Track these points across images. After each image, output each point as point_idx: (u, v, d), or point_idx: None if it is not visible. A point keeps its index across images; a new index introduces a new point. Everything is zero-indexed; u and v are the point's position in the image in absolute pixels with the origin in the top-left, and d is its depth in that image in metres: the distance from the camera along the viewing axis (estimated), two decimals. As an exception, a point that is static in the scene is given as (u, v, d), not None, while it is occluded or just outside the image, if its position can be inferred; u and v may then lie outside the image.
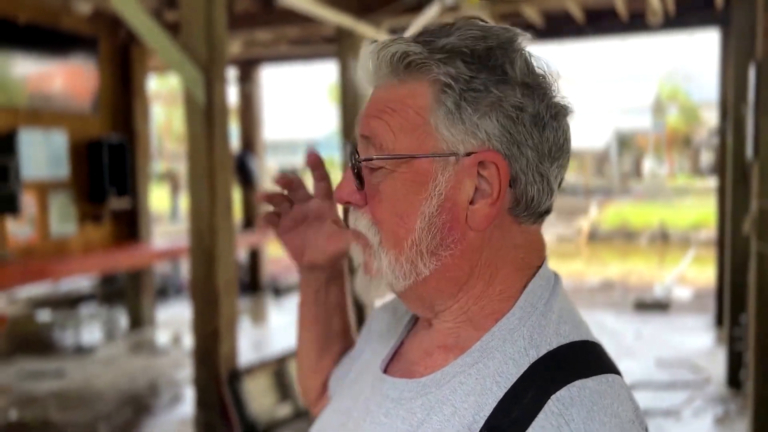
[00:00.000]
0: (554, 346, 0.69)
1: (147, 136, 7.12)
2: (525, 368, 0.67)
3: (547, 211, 0.75)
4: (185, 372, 5.62)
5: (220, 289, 4.02)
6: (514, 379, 0.67)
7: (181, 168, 22.08)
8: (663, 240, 13.83)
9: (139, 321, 7.08)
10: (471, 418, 0.67)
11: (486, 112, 0.69)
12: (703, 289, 8.53)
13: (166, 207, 19.32)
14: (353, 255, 0.78)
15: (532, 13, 6.20)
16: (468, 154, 0.69)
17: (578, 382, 0.65)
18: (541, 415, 0.63)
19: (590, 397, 0.64)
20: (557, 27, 6.78)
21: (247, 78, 8.79)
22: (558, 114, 0.72)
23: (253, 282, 8.85)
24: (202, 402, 4.15)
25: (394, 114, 0.71)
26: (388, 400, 0.76)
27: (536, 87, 0.71)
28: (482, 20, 0.75)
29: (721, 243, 6.34)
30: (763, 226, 2.88)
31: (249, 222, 8.75)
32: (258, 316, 8.05)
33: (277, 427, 4.25)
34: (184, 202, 18.59)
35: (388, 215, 0.72)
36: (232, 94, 8.78)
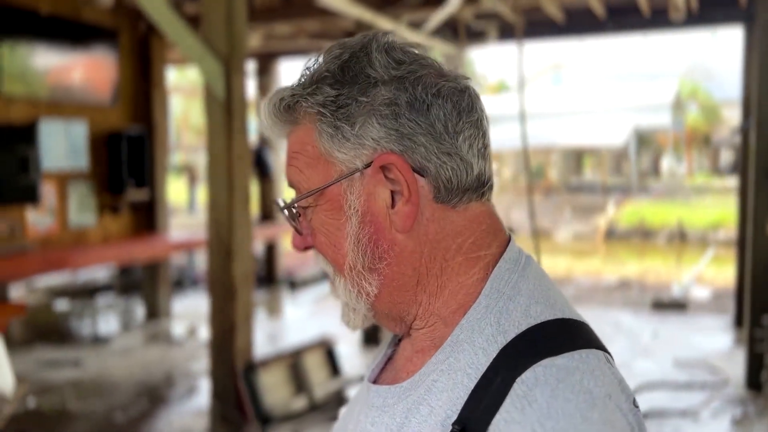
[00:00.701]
0: (523, 328, 0.67)
1: (165, 128, 7.15)
2: (494, 356, 0.66)
3: (483, 183, 0.73)
4: (201, 363, 5.65)
5: (237, 281, 4.03)
6: (485, 369, 0.66)
7: (199, 160, 22.19)
8: (681, 239, 13.70)
9: (155, 312, 7.13)
10: (444, 414, 0.67)
11: (363, 121, 0.70)
12: (721, 290, 8.44)
13: (183, 199, 19.43)
14: (330, 291, 0.81)
15: (552, 8, 6.15)
16: (367, 166, 0.71)
17: (545, 361, 0.63)
18: (507, 400, 0.62)
19: (556, 374, 0.62)
20: (577, 22, 6.72)
21: (265, 71, 8.81)
22: (441, 90, 0.71)
23: (269, 275, 8.88)
24: (217, 393, 4.17)
25: (299, 156, 0.74)
26: (373, 408, 0.76)
27: (406, 76, 0.71)
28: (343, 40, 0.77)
29: (741, 243, 6.26)
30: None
31: (265, 215, 8.78)
32: (273, 310, 8.07)
33: (291, 419, 4.26)
34: (201, 194, 18.69)
35: (326, 247, 0.75)
36: (251, 88, 8.80)
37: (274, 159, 8.71)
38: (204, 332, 6.49)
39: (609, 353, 0.69)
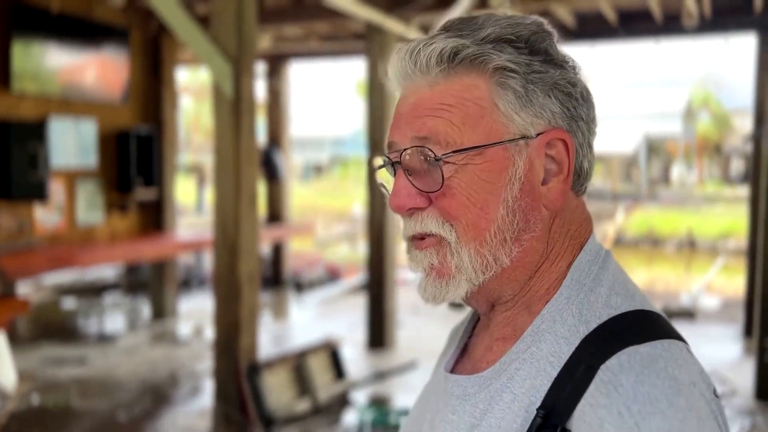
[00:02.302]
0: (604, 318, 0.69)
1: (175, 127, 7.16)
2: (576, 344, 0.68)
3: (587, 178, 0.78)
4: (205, 364, 5.65)
5: (243, 281, 4.02)
6: (567, 358, 0.67)
7: (208, 161, 22.26)
8: (690, 248, 13.62)
9: (161, 311, 7.13)
10: (528, 401, 0.68)
11: (547, 92, 0.72)
12: (731, 299, 8.37)
13: (192, 199, 19.49)
14: (415, 262, 0.77)
15: (563, 13, 6.13)
16: (537, 135, 0.72)
17: (629, 349, 0.64)
18: (591, 386, 0.63)
19: (641, 361, 0.63)
20: (589, 27, 6.69)
21: (275, 73, 8.82)
22: (590, 90, 0.76)
23: (276, 276, 8.87)
24: (221, 394, 4.16)
25: (453, 109, 0.71)
26: (453, 397, 0.77)
27: (573, 66, 0.75)
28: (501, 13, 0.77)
29: (752, 252, 6.20)
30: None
31: (273, 216, 8.78)
32: (279, 311, 8.07)
33: (295, 421, 4.24)
34: (209, 194, 18.73)
35: (465, 208, 0.72)
36: (260, 89, 8.82)
37: (282, 160, 8.71)
38: (210, 332, 6.49)
39: (688, 344, 0.70)
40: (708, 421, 0.62)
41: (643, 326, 0.68)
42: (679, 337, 0.69)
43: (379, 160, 0.81)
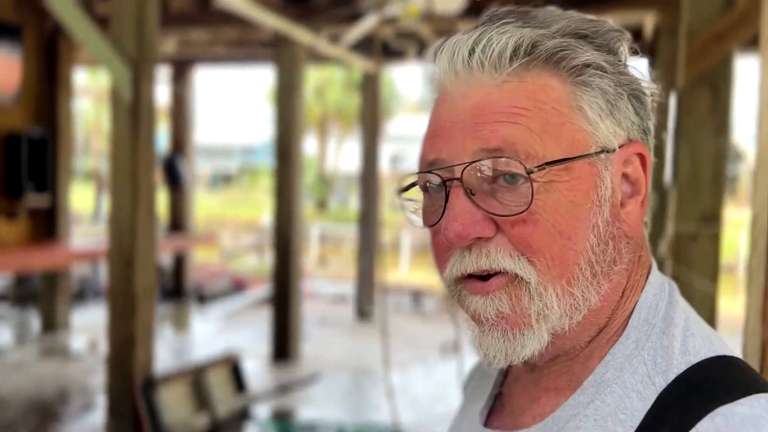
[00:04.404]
0: (684, 368, 0.57)
1: (71, 131, 6.85)
2: (652, 401, 0.57)
3: None
4: (99, 379, 5.39)
5: (138, 293, 3.88)
6: (641, 416, 0.56)
7: (107, 167, 21.41)
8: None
9: (52, 325, 6.77)
10: None
11: (627, 98, 0.61)
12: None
13: (89, 206, 18.68)
14: (475, 306, 0.61)
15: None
16: (619, 148, 0.61)
17: (723, 409, 0.53)
18: None
19: (741, 425, 0.52)
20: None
21: (180, 78, 8.59)
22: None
23: (177, 288, 8.60)
24: (114, 410, 3.98)
25: (531, 114, 0.58)
26: None
27: (634, 70, 0.64)
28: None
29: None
30: (678, 249, 2.97)
31: (175, 226, 8.52)
32: (180, 324, 7.82)
33: (192, 438, 4.11)
34: (108, 202, 17.93)
35: (550, 238, 0.58)
36: (164, 94, 8.57)
37: (186, 167, 8.49)
38: (105, 346, 6.21)
39: None
40: None
41: (732, 378, 0.57)
42: None
43: (410, 178, 0.65)
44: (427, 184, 0.62)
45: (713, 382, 0.56)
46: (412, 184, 0.64)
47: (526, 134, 0.57)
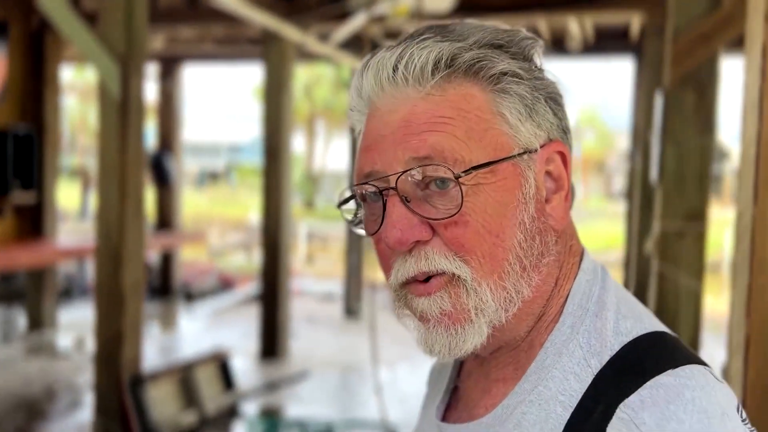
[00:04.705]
0: (617, 348, 0.61)
1: (58, 128, 6.80)
2: (590, 381, 0.60)
3: None
4: (86, 377, 5.37)
5: (126, 290, 3.87)
6: (580, 396, 0.60)
7: (94, 164, 21.27)
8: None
9: (39, 322, 6.72)
10: None
11: (545, 101, 0.65)
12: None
13: (76, 204, 18.55)
14: (421, 308, 0.64)
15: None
16: (541, 148, 0.64)
17: (650, 382, 0.57)
18: (609, 429, 0.56)
19: (665, 395, 0.56)
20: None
21: (168, 75, 8.55)
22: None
23: (165, 286, 8.57)
24: (101, 408, 3.97)
25: (455, 122, 0.61)
26: None
27: (549, 74, 0.68)
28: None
29: (627, 263, 6.60)
30: (664, 247, 3.00)
31: (163, 223, 8.49)
32: (168, 322, 7.79)
33: (180, 435, 4.11)
34: (95, 199, 17.82)
35: (479, 237, 0.61)
36: (152, 92, 8.53)
37: (174, 165, 8.45)
38: (92, 344, 6.18)
39: (710, 368, 0.63)
40: None
41: (660, 352, 0.60)
42: (700, 361, 0.61)
43: (345, 192, 0.69)
44: (365, 195, 0.65)
45: (644, 358, 0.59)
46: (351, 197, 0.68)
47: (452, 141, 0.61)
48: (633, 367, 0.59)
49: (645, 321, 0.64)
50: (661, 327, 0.64)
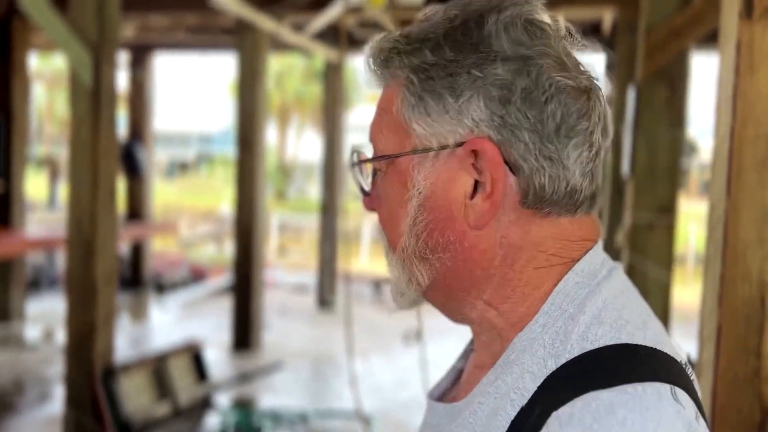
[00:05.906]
0: (576, 353, 0.58)
1: (25, 117, 6.68)
2: (539, 383, 0.58)
3: (576, 201, 0.64)
4: (55, 369, 5.30)
5: (98, 281, 3.82)
6: (529, 396, 0.58)
7: (62, 153, 20.89)
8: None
9: (6, 314, 6.61)
10: None
11: (469, 97, 0.61)
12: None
13: (43, 194, 18.21)
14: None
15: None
16: (459, 145, 0.62)
17: (588, 395, 0.54)
18: None
19: (595, 411, 0.52)
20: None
21: (139, 64, 8.44)
22: (561, 85, 0.62)
23: (135, 277, 8.48)
24: (72, 400, 3.92)
25: (383, 114, 0.68)
26: (428, 428, 0.71)
27: (532, 58, 0.62)
28: None
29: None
30: (635, 239, 3.06)
31: (133, 214, 8.39)
32: (138, 313, 7.72)
33: (153, 426, 4.08)
34: (63, 189, 17.57)
35: (385, 219, 0.70)
36: (123, 80, 8.41)
37: (145, 155, 8.35)
38: (61, 336, 6.10)
39: (690, 389, 0.58)
40: None
41: (619, 366, 0.56)
42: (671, 380, 0.56)
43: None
44: None
45: (598, 368, 0.56)
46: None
47: (377, 131, 0.69)
48: (582, 375, 0.56)
49: (624, 331, 0.59)
50: (643, 340, 0.59)
